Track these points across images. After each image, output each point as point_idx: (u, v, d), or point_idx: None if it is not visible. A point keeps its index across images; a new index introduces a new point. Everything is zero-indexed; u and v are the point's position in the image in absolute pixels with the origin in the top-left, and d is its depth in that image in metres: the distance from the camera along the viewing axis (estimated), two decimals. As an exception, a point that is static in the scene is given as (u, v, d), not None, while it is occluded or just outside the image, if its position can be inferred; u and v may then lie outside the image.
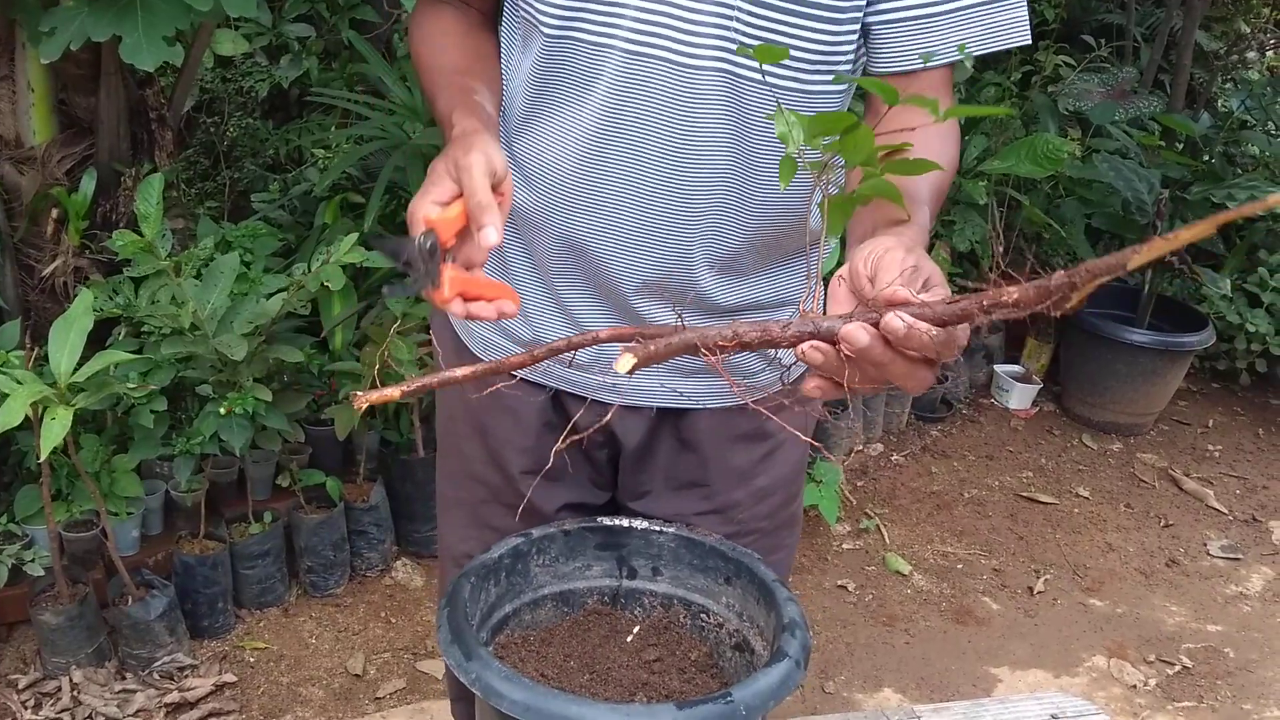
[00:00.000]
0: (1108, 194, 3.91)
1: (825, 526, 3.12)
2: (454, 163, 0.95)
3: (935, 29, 1.06)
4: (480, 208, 0.92)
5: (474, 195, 0.93)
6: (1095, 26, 4.69)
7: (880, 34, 1.08)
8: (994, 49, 1.08)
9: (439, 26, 1.20)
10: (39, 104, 2.41)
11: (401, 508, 2.82)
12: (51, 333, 1.96)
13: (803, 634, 0.98)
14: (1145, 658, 2.76)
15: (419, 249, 0.92)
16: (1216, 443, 3.90)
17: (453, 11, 1.21)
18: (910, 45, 1.07)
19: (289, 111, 3.68)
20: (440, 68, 1.15)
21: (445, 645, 0.94)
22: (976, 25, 1.06)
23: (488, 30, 1.23)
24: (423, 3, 1.24)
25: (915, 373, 0.76)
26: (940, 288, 0.79)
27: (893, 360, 0.75)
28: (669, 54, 1.05)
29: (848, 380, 0.77)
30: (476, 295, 0.95)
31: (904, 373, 0.76)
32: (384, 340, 2.42)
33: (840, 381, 0.78)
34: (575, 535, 1.16)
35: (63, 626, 2.23)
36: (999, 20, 1.06)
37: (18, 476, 2.40)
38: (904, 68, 1.08)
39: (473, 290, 0.95)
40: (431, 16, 1.21)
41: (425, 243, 0.92)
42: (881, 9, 1.06)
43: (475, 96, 1.09)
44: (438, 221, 0.93)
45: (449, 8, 1.22)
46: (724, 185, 1.11)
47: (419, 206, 0.94)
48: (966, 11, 1.05)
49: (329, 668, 2.47)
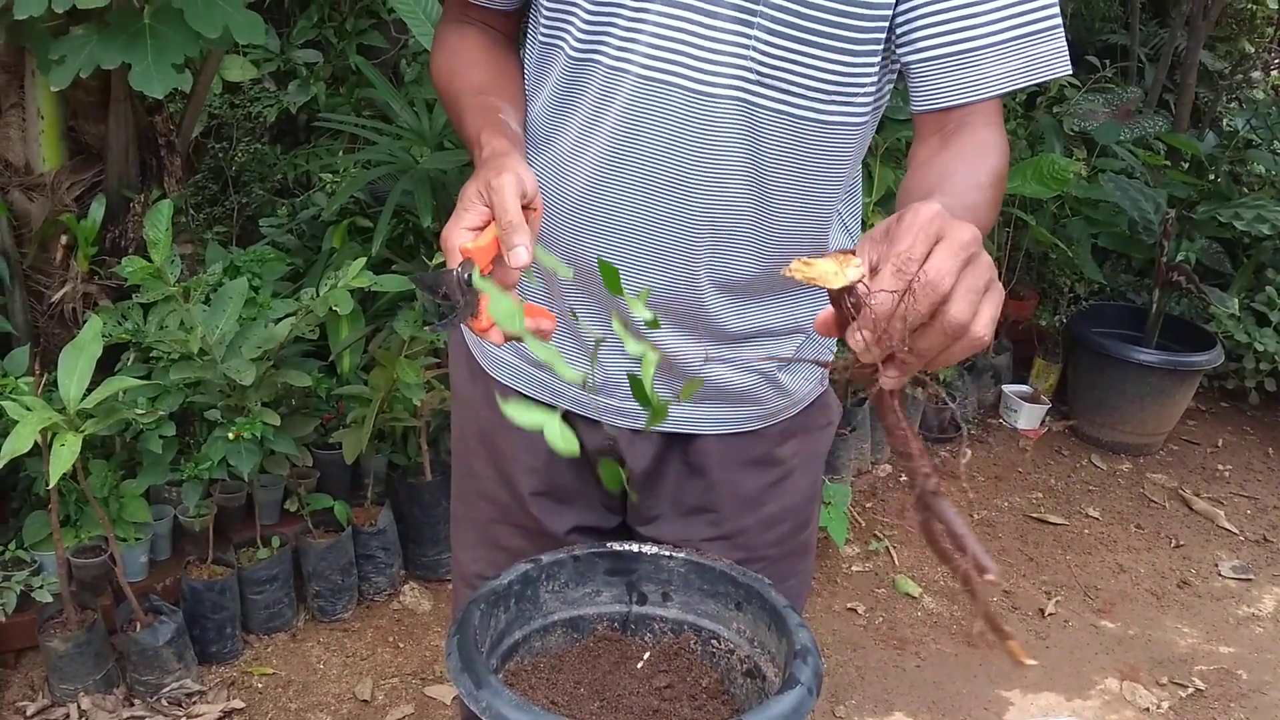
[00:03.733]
0: (1114, 213, 3.91)
1: (834, 548, 3.10)
2: (485, 184, 0.94)
3: (976, 64, 1.03)
4: (511, 228, 0.92)
5: (505, 215, 0.92)
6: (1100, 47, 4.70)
7: (920, 72, 1.05)
8: (1036, 81, 1.05)
9: (462, 45, 1.21)
10: (48, 131, 2.43)
11: (409, 532, 2.81)
12: (61, 359, 1.96)
13: (815, 660, 0.98)
14: (1158, 680, 2.74)
15: (458, 280, 0.91)
16: (1226, 462, 3.89)
17: (475, 31, 1.22)
18: (953, 81, 1.04)
19: (297, 136, 3.70)
20: (465, 89, 1.16)
21: (455, 673, 0.93)
22: (1017, 58, 1.04)
23: (510, 50, 1.24)
24: (446, 24, 1.24)
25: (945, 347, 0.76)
26: (949, 240, 0.76)
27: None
28: (683, 80, 1.05)
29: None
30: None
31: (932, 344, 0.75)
32: (392, 364, 2.42)
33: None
34: (585, 561, 1.15)
35: (71, 653, 2.23)
36: (1041, 52, 1.04)
37: (26, 502, 2.40)
38: (950, 103, 1.05)
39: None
40: (455, 37, 1.22)
41: (464, 274, 0.91)
42: (919, 47, 1.04)
43: (501, 115, 1.09)
44: (474, 251, 0.92)
45: (472, 28, 1.22)
46: (736, 212, 1.11)
47: (453, 235, 0.93)
48: (1007, 46, 1.03)
49: (337, 693, 2.46)
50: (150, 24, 2.03)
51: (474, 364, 1.32)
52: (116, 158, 2.49)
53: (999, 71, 1.04)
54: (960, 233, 0.75)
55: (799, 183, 1.12)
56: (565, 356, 1.21)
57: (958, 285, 0.73)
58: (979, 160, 1.03)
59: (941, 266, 0.73)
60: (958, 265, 0.73)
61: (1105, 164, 4.05)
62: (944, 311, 0.73)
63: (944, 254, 0.74)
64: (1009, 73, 1.04)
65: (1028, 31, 1.03)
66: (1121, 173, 3.98)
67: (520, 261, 0.92)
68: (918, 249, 0.74)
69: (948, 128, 1.06)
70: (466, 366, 1.33)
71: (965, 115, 1.06)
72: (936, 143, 1.06)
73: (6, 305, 2.44)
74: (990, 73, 1.04)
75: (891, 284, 0.73)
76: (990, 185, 1.01)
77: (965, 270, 0.74)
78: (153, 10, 2.04)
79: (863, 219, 2.94)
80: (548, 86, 1.14)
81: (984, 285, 0.75)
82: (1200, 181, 4.04)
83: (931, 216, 0.76)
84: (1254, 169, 4.37)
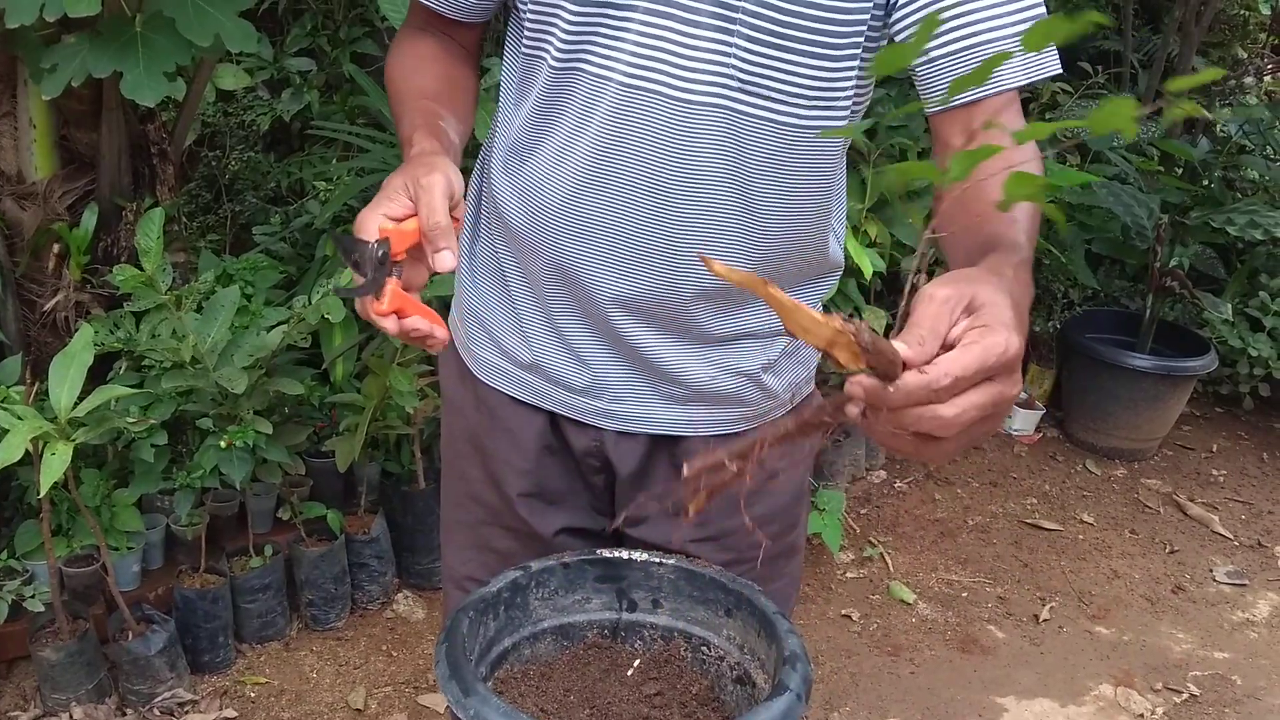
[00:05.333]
0: (1107, 219, 3.91)
1: (829, 555, 3.10)
2: (414, 181, 0.95)
3: (979, 61, 1.03)
4: (439, 230, 0.93)
5: (433, 215, 0.93)
6: (1093, 53, 4.71)
7: (925, 75, 1.05)
8: (1030, 81, 1.05)
9: (418, 51, 1.22)
10: (41, 139, 2.43)
11: (403, 540, 2.81)
12: (52, 368, 1.96)
13: (804, 667, 0.98)
14: (1152, 686, 2.74)
15: (370, 254, 0.93)
16: (1221, 467, 3.89)
17: (436, 41, 1.23)
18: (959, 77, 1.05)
19: (290, 145, 3.70)
20: (411, 91, 1.17)
21: (444, 681, 0.93)
22: (1019, 55, 1.04)
23: (469, 65, 1.24)
24: (407, 29, 1.25)
25: (912, 446, 0.74)
26: (985, 313, 0.73)
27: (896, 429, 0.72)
28: (666, 87, 1.06)
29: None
30: (412, 315, 0.96)
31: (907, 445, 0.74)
32: (385, 372, 2.42)
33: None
34: (575, 568, 1.15)
35: (63, 662, 2.22)
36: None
37: (18, 512, 2.39)
38: (959, 101, 1.04)
39: (409, 309, 0.96)
40: (413, 42, 1.23)
41: (378, 250, 0.92)
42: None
43: (440, 122, 1.10)
44: (393, 232, 0.93)
45: (432, 37, 1.23)
46: (719, 217, 1.12)
47: (371, 218, 0.94)
48: (1004, 44, 1.02)
49: (330, 702, 2.45)
50: (142, 32, 2.04)
51: (463, 367, 1.32)
52: (109, 166, 2.49)
53: (1006, 68, 1.03)
54: (1008, 384, 0.72)
55: (780, 187, 1.12)
56: (551, 360, 1.22)
57: (963, 432, 0.72)
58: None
59: (963, 418, 0.71)
60: (977, 417, 0.71)
61: (1099, 170, 4.06)
62: (936, 439, 0.72)
63: (976, 399, 0.71)
64: (1014, 69, 1.03)
65: (1023, 28, 1.03)
66: (1115, 179, 3.98)
67: (447, 265, 0.93)
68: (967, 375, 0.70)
69: (973, 126, 1.05)
70: (455, 369, 1.34)
71: (981, 113, 1.04)
72: (962, 140, 1.05)
73: (-2, 314, 2.44)
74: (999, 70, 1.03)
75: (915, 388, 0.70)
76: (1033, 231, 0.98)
77: (981, 423, 0.72)
78: (144, 19, 2.04)
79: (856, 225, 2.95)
80: (531, 96, 1.14)
81: (988, 428, 0.73)
82: (1194, 187, 4.04)
83: (1002, 349, 0.72)
84: (1247, 174, 4.37)
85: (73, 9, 1.88)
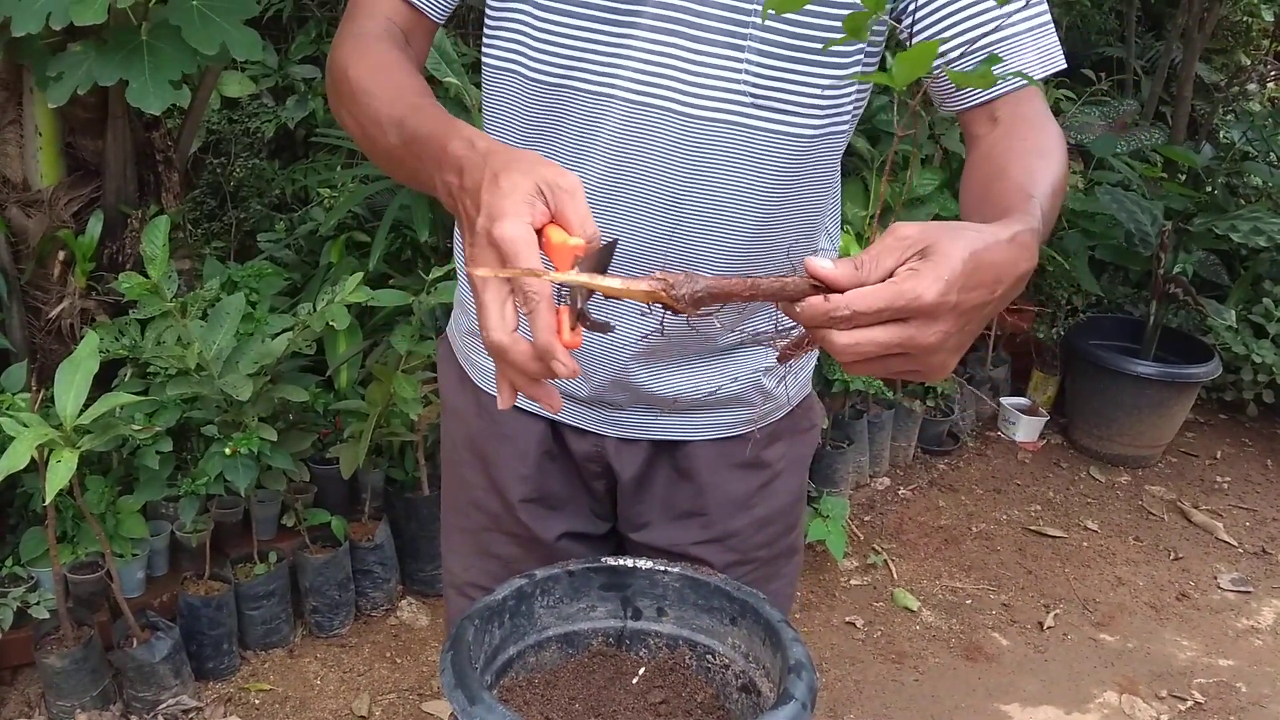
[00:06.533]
0: (1111, 226, 3.91)
1: (832, 562, 3.10)
2: (548, 184, 0.81)
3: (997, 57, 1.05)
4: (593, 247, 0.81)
5: (585, 228, 0.80)
6: (1096, 60, 4.72)
7: (943, 79, 1.07)
8: (1037, 78, 1.06)
9: (391, 58, 1.09)
10: (46, 147, 2.43)
11: (407, 546, 2.81)
12: (58, 375, 1.96)
13: (809, 675, 0.97)
14: (1157, 693, 2.73)
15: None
16: (1225, 474, 3.89)
17: (402, 53, 1.12)
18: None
19: (295, 152, 3.71)
20: (410, 88, 1.04)
21: (449, 690, 0.93)
22: (1032, 50, 1.06)
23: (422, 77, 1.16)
24: (361, 36, 1.11)
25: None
26: (930, 260, 0.74)
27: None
28: (675, 104, 1.05)
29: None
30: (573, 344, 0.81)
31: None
32: (389, 379, 2.42)
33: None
34: (579, 576, 1.15)
35: (68, 669, 2.22)
36: (1040, 47, 1.07)
37: (23, 519, 2.40)
38: (979, 100, 1.07)
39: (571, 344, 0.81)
40: (373, 45, 1.10)
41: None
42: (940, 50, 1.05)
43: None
44: (557, 248, 0.79)
45: (398, 49, 1.12)
46: (732, 229, 1.11)
47: (524, 228, 0.78)
48: (1015, 40, 1.05)
49: (334, 709, 2.45)
50: (148, 41, 2.04)
51: (462, 374, 1.32)
52: (114, 174, 2.49)
53: (1019, 61, 1.05)
54: (924, 331, 0.75)
55: (793, 196, 1.13)
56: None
57: (864, 363, 0.75)
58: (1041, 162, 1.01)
59: (857, 349, 0.74)
60: (875, 353, 0.74)
61: (1102, 176, 4.06)
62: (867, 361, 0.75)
63: (877, 336, 0.74)
64: (1028, 65, 1.05)
65: (1033, 25, 1.06)
66: (1118, 185, 3.98)
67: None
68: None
69: (998, 115, 1.07)
70: (455, 375, 1.34)
71: (1011, 107, 1.06)
72: (989, 128, 1.08)
73: (4, 321, 2.44)
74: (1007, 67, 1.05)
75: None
76: (1057, 184, 1.00)
77: (888, 359, 0.75)
78: (150, 27, 2.05)
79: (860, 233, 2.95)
80: (505, 110, 1.12)
81: (904, 367, 0.76)
82: (1197, 194, 4.05)
83: (915, 295, 0.74)
84: (1251, 181, 4.38)
85: (79, 17, 1.89)
